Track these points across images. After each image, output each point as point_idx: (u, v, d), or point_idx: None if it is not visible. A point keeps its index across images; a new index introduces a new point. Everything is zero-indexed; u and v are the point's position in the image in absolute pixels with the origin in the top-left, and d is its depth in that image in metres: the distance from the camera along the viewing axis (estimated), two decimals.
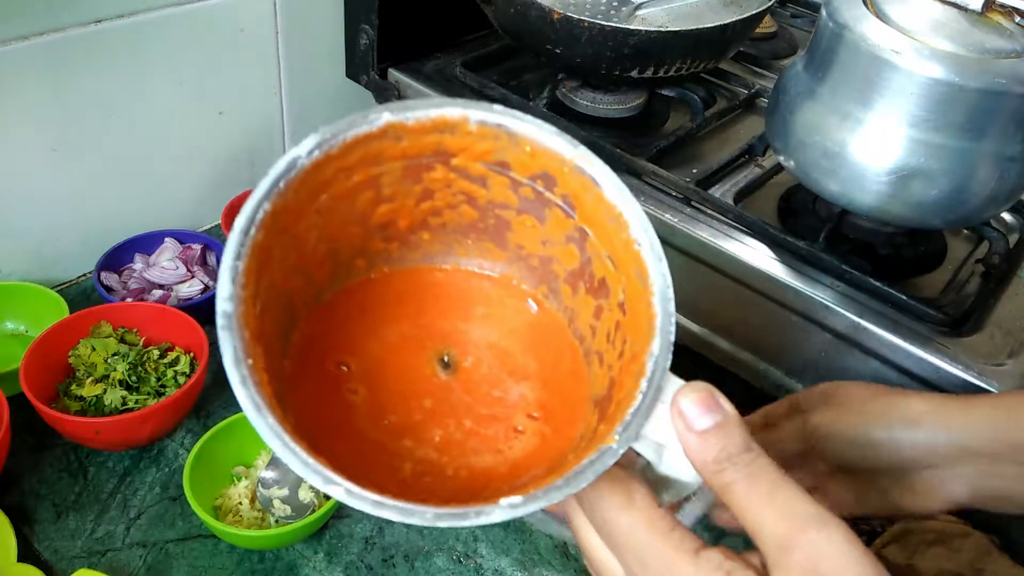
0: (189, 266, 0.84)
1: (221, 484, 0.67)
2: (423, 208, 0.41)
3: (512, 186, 0.40)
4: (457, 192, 0.40)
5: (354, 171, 0.37)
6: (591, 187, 0.37)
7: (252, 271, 0.33)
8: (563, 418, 0.39)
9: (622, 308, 0.38)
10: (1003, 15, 0.66)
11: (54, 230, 0.83)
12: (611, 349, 0.38)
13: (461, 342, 0.42)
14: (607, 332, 0.39)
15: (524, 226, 0.41)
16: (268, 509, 0.64)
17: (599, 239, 0.39)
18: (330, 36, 0.95)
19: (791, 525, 0.31)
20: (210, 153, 0.92)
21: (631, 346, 0.36)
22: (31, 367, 0.67)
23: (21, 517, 0.64)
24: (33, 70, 0.74)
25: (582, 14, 0.76)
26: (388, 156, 0.38)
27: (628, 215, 0.36)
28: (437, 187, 0.40)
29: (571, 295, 0.42)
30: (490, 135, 0.38)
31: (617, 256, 0.38)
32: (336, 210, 0.38)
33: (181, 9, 0.81)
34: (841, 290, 0.67)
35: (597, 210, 0.38)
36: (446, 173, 0.39)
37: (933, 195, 0.65)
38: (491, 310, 0.43)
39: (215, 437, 0.66)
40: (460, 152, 0.39)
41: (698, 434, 0.33)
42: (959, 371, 0.61)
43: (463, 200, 0.41)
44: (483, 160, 0.39)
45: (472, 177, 0.40)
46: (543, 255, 0.42)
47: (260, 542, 0.63)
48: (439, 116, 0.37)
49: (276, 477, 0.66)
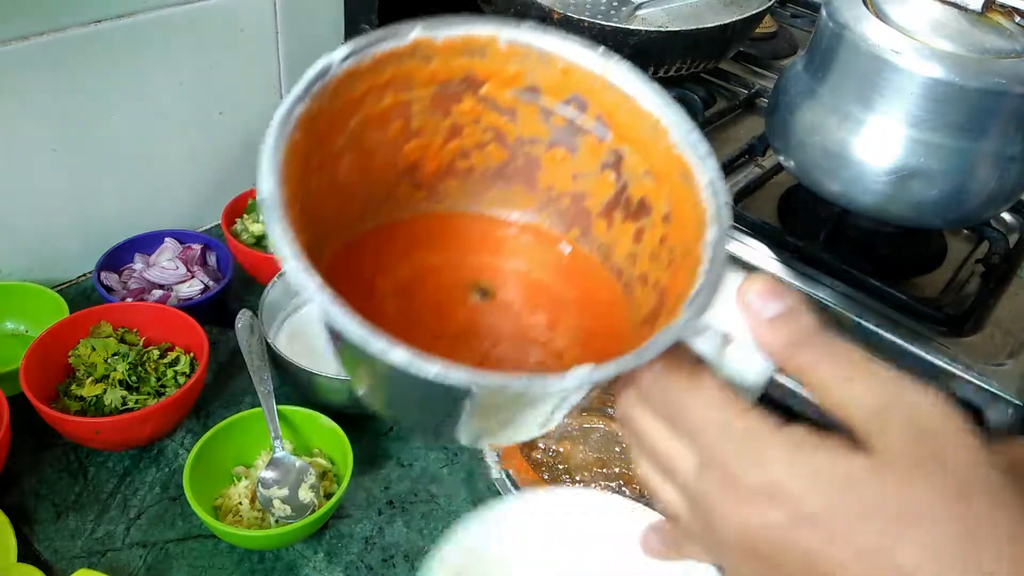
0: (189, 266, 0.84)
1: (221, 484, 0.67)
2: (451, 148, 0.40)
3: (542, 115, 0.39)
4: (486, 128, 0.40)
5: (385, 92, 0.37)
6: (626, 99, 0.37)
7: (289, 172, 0.33)
8: (606, 339, 0.38)
9: (666, 220, 0.37)
10: (1003, 15, 0.66)
11: (54, 230, 0.82)
12: (657, 265, 0.38)
13: (494, 274, 0.41)
14: (650, 252, 0.38)
15: (555, 161, 0.40)
16: (268, 509, 0.64)
17: (637, 156, 0.38)
18: (330, 36, 0.95)
19: (885, 391, 0.30)
20: (210, 153, 0.92)
21: (682, 249, 0.36)
22: (31, 367, 0.67)
23: (21, 517, 0.64)
24: (33, 70, 0.74)
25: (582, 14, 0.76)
26: (418, 80, 0.37)
27: (667, 121, 0.36)
28: (465, 122, 0.39)
29: (606, 229, 0.41)
30: (520, 54, 0.37)
31: (657, 168, 0.37)
32: (367, 137, 0.38)
33: (181, 9, 0.81)
34: (841, 290, 0.67)
35: (633, 124, 0.37)
36: (474, 105, 0.39)
37: (933, 195, 0.65)
38: (522, 252, 0.42)
39: (215, 437, 0.66)
40: (489, 78, 0.38)
41: (769, 320, 0.31)
42: (959, 371, 0.61)
43: (491, 138, 0.40)
44: (513, 86, 0.38)
45: (501, 109, 0.39)
46: (575, 192, 0.41)
47: (260, 542, 0.63)
48: (468, 34, 0.36)
49: (276, 477, 0.66)
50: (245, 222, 0.88)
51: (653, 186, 0.38)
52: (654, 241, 0.38)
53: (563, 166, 0.40)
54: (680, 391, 0.32)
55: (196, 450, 0.64)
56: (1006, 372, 0.61)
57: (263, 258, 0.82)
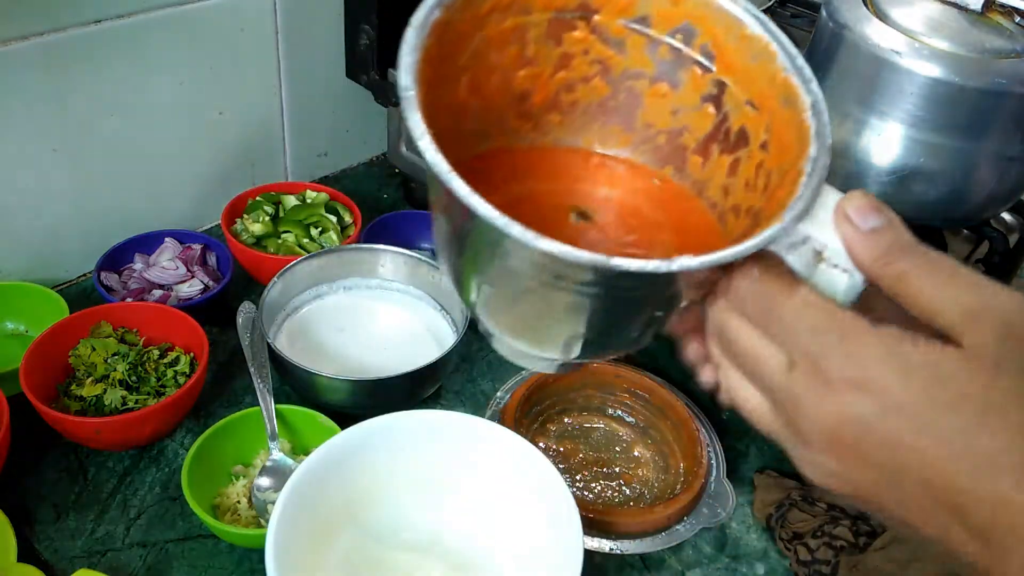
0: (189, 266, 0.84)
1: (220, 483, 0.67)
2: (558, 79, 0.42)
3: (650, 47, 0.40)
4: (593, 60, 0.41)
5: (507, 13, 0.39)
6: (735, 25, 0.38)
7: (421, 76, 0.34)
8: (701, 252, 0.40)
9: (764, 148, 0.38)
10: (1003, 15, 0.66)
11: (54, 230, 0.82)
12: (751, 194, 0.39)
13: (591, 200, 0.43)
14: (745, 181, 0.40)
15: (656, 96, 0.42)
16: (263, 515, 0.64)
17: (740, 86, 0.39)
18: (330, 36, 0.95)
19: (980, 294, 0.31)
20: (210, 153, 0.92)
21: (779, 173, 0.37)
22: (31, 367, 0.67)
23: (21, 517, 0.64)
24: (33, 70, 0.74)
25: None
26: (537, 4, 0.39)
27: (775, 45, 0.37)
28: (575, 52, 0.41)
29: (701, 166, 0.42)
30: None
31: (760, 95, 0.38)
32: (487, 58, 0.39)
33: (181, 9, 0.81)
34: None
35: (739, 51, 0.38)
36: (586, 34, 0.40)
37: (933, 195, 0.65)
38: (618, 183, 0.44)
39: (214, 436, 0.66)
40: (603, 6, 0.40)
41: (866, 233, 0.33)
42: None
43: (597, 72, 0.42)
44: (624, 16, 0.40)
45: (610, 40, 0.41)
46: (672, 128, 0.43)
47: (258, 541, 0.63)
48: None
49: (271, 483, 0.66)
50: (245, 222, 0.88)
51: (754, 115, 0.39)
52: (750, 170, 0.39)
53: (664, 101, 0.42)
54: (775, 294, 0.33)
55: (195, 449, 0.64)
56: None
57: (263, 258, 0.83)
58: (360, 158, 1.09)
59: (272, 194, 0.91)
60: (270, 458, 0.67)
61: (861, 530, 0.66)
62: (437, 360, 0.70)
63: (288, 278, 0.78)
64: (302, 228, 0.88)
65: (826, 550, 0.64)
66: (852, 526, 0.66)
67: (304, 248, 0.86)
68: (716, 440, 0.73)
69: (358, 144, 1.07)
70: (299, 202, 0.91)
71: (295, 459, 0.67)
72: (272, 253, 0.85)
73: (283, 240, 0.87)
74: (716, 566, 0.67)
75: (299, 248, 0.86)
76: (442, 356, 0.70)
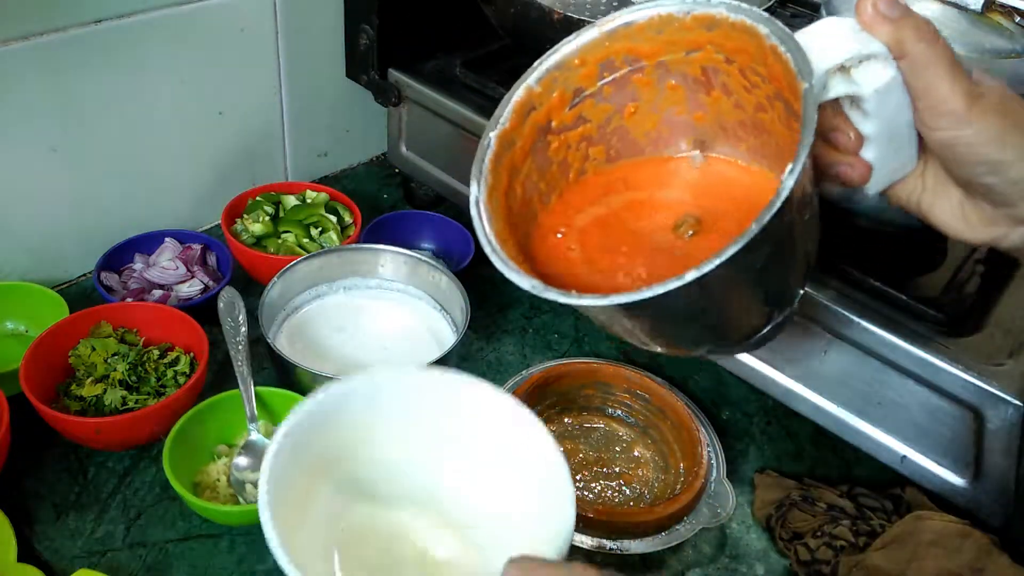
0: (189, 266, 0.84)
1: (203, 461, 0.67)
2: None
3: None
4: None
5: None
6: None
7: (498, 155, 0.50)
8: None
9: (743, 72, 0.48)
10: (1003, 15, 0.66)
11: (54, 230, 0.82)
12: (755, 95, 0.49)
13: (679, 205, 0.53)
14: (744, 97, 0.49)
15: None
16: (240, 493, 0.65)
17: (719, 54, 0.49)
18: (330, 36, 0.95)
19: (979, 78, 0.39)
20: (210, 153, 0.92)
21: (765, 70, 0.46)
22: (31, 367, 0.67)
23: (21, 517, 0.64)
24: (33, 70, 0.74)
25: (582, 14, 0.76)
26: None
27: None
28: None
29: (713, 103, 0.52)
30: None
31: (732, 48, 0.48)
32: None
33: (181, 9, 0.81)
34: (841, 290, 0.67)
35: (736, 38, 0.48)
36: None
37: None
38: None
39: (199, 415, 0.67)
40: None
41: (883, 11, 0.41)
42: (959, 371, 0.61)
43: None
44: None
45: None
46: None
47: (232, 518, 0.63)
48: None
49: (249, 462, 0.67)
50: (245, 222, 0.88)
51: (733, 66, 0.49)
52: (740, 89, 0.49)
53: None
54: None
55: (178, 426, 0.65)
56: (1006, 372, 0.61)
57: (263, 258, 0.83)
58: (360, 158, 1.09)
59: (272, 194, 0.91)
60: (248, 438, 0.68)
61: (861, 530, 0.66)
62: (437, 360, 0.70)
63: (288, 278, 0.78)
64: (302, 228, 0.88)
65: (826, 550, 0.64)
66: (852, 526, 0.66)
67: (304, 248, 0.86)
68: (716, 440, 0.73)
69: (358, 144, 1.07)
70: (299, 202, 0.91)
71: None
72: (272, 253, 0.85)
73: (283, 240, 0.87)
74: (716, 566, 0.67)
75: (299, 248, 0.86)
76: (441, 356, 0.71)
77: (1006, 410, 0.59)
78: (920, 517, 0.64)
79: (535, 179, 0.53)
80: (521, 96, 0.51)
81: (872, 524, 0.66)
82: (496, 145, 0.50)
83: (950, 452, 0.63)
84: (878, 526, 0.66)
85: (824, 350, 0.67)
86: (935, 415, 0.63)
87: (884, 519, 0.67)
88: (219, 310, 0.75)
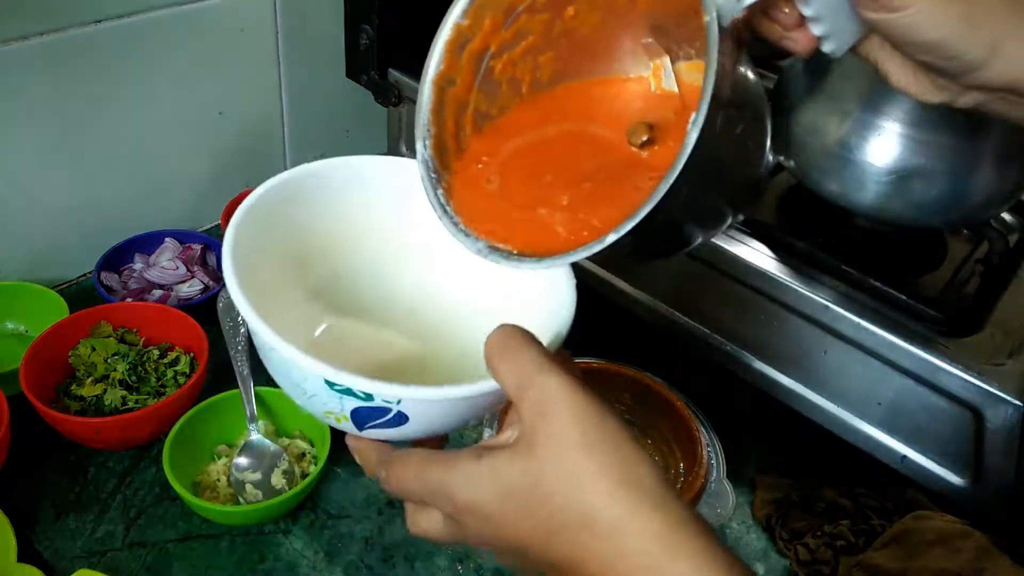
0: (189, 266, 0.84)
1: (203, 461, 0.68)
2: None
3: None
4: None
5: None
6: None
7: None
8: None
9: None
10: None
11: (54, 230, 0.83)
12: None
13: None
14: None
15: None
16: (240, 493, 0.65)
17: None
18: (330, 36, 0.95)
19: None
20: (210, 153, 0.92)
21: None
22: (31, 367, 0.67)
23: (21, 517, 0.64)
24: (33, 70, 0.74)
25: None
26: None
27: None
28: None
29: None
30: None
31: None
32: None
33: (181, 9, 0.81)
34: (841, 290, 0.67)
35: None
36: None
37: (933, 195, 0.65)
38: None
39: (198, 415, 0.67)
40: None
41: None
42: (959, 371, 0.61)
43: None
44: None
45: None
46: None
47: (231, 518, 0.64)
48: None
49: (250, 462, 0.67)
50: None
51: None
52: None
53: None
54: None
55: (178, 426, 0.65)
56: (1006, 372, 0.61)
57: None
58: None
59: None
60: (248, 438, 0.68)
61: (861, 530, 0.66)
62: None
63: None
64: None
65: (826, 550, 0.64)
66: (852, 526, 0.66)
67: None
68: (716, 440, 0.73)
69: (358, 144, 1.07)
70: None
71: (275, 441, 0.68)
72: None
73: None
74: None
75: None
76: None
77: (1006, 410, 0.59)
78: (920, 517, 0.64)
79: (484, 107, 0.50)
80: (450, 35, 0.48)
81: (872, 524, 0.66)
82: (434, 92, 0.48)
83: (950, 452, 0.63)
84: (878, 526, 0.66)
85: (824, 350, 0.67)
86: (935, 415, 0.63)
87: (884, 519, 0.67)
88: (219, 310, 0.75)
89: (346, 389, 0.39)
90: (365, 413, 0.41)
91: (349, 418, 0.41)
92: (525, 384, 0.36)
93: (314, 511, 0.67)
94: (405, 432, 0.42)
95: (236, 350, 0.71)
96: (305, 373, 0.39)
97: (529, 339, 0.38)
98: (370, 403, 0.40)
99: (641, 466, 0.34)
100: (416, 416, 0.41)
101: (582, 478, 0.34)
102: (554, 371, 0.36)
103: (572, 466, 0.34)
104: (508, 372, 0.37)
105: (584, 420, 0.35)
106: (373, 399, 0.39)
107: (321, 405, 0.41)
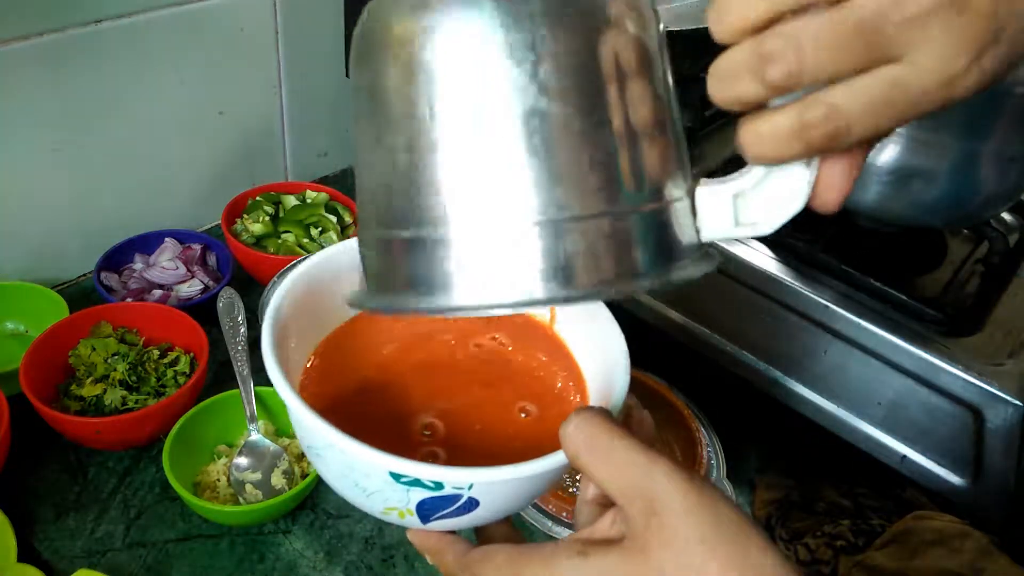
0: (189, 266, 0.84)
1: (203, 461, 0.68)
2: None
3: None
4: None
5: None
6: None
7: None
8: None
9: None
10: None
11: (54, 230, 0.82)
12: None
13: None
14: None
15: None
16: (240, 493, 0.65)
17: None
18: (330, 36, 0.95)
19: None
20: (210, 153, 0.92)
21: None
22: (31, 367, 0.67)
23: (21, 517, 0.64)
24: (33, 70, 0.74)
25: None
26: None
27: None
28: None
29: None
30: None
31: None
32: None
33: (181, 9, 0.81)
34: (841, 290, 0.67)
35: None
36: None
37: (933, 195, 0.65)
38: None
39: (199, 415, 0.67)
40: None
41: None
42: (959, 371, 0.61)
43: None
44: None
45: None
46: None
47: (230, 517, 0.64)
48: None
49: (250, 463, 0.67)
50: (245, 222, 0.88)
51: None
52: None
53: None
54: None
55: (178, 426, 0.65)
56: (1006, 372, 0.61)
57: (263, 258, 0.82)
58: None
59: (272, 194, 0.91)
60: (248, 438, 0.68)
61: (861, 530, 0.66)
62: None
63: None
64: (302, 228, 0.88)
65: (826, 550, 0.64)
66: (852, 526, 0.66)
67: (304, 248, 0.86)
68: (716, 440, 0.73)
69: None
70: (299, 202, 0.91)
71: (275, 441, 0.68)
72: (272, 253, 0.85)
73: (283, 240, 0.87)
74: None
75: (299, 248, 0.86)
76: None
77: (1006, 410, 0.59)
78: (920, 517, 0.64)
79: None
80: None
81: (872, 524, 0.66)
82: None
83: (950, 452, 0.63)
84: (878, 526, 0.66)
85: (824, 350, 0.67)
86: (935, 415, 0.63)
87: (884, 519, 0.67)
88: (219, 310, 0.75)
89: (413, 480, 0.35)
90: (432, 504, 0.36)
91: (415, 512, 0.37)
92: (630, 485, 0.34)
93: (314, 511, 0.67)
94: (474, 519, 0.38)
95: (236, 350, 0.72)
96: (368, 468, 0.35)
97: (614, 428, 0.35)
98: (439, 492, 0.35)
99: (766, 555, 0.32)
100: (487, 500, 0.37)
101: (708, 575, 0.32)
102: (657, 463, 0.33)
103: (696, 563, 0.32)
104: (609, 478, 0.34)
105: (700, 513, 0.33)
106: (443, 487, 0.35)
107: (382, 502, 0.37)
